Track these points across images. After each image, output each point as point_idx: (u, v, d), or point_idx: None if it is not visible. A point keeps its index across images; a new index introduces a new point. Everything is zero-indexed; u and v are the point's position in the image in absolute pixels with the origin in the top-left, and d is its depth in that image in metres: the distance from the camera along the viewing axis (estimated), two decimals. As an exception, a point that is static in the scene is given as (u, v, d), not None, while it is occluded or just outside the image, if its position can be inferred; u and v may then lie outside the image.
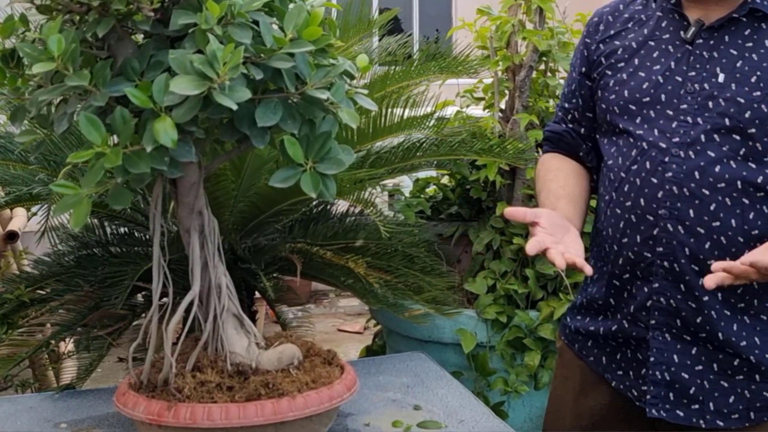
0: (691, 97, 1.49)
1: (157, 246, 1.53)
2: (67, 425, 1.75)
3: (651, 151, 1.50)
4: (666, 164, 1.48)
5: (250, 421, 1.44)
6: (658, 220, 1.48)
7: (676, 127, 1.49)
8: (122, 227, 2.43)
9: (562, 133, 1.74)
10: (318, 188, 1.35)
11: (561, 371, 1.77)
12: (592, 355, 1.66)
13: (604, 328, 1.62)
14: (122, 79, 1.32)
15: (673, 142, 1.48)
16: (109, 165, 1.25)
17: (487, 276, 2.40)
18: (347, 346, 4.88)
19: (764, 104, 1.44)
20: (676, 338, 1.52)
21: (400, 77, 2.34)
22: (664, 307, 1.51)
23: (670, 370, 1.52)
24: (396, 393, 1.88)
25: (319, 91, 1.32)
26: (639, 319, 1.55)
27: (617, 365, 1.61)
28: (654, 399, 1.54)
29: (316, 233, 2.27)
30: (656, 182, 1.49)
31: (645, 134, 1.52)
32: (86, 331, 2.32)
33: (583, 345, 1.68)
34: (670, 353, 1.52)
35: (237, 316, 1.60)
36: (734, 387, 1.51)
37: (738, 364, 1.50)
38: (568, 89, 1.75)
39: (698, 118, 1.47)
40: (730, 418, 1.51)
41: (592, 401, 1.67)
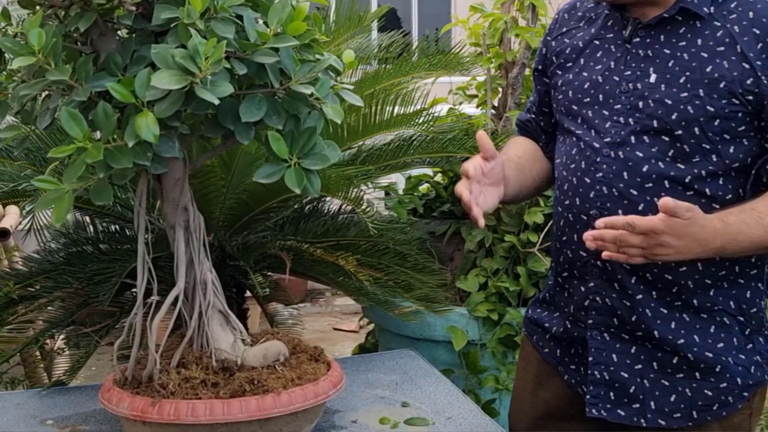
0: (624, 96, 1.48)
1: (141, 242, 1.52)
2: (53, 422, 1.74)
3: (586, 150, 1.51)
4: (598, 164, 1.49)
5: (235, 417, 1.43)
6: (590, 219, 1.48)
7: (609, 127, 1.49)
8: (112, 224, 2.43)
9: (526, 121, 1.79)
10: (302, 184, 1.34)
11: (522, 363, 1.79)
12: (547, 347, 1.68)
13: (556, 326, 1.64)
14: (105, 74, 1.32)
15: (605, 142, 1.49)
16: (91, 160, 1.24)
17: (479, 274, 2.39)
18: (343, 345, 4.87)
19: (690, 106, 1.42)
20: (614, 337, 1.52)
21: (392, 74, 2.33)
22: (600, 306, 1.52)
23: (609, 370, 1.52)
24: (384, 390, 1.87)
25: (303, 86, 1.32)
26: (579, 319, 1.56)
27: (570, 359, 1.63)
28: (594, 399, 1.54)
29: (306, 231, 2.26)
30: (589, 182, 1.50)
31: (583, 134, 1.53)
32: (75, 328, 2.31)
33: (540, 337, 1.70)
34: (609, 353, 1.52)
35: (223, 312, 1.59)
36: (675, 385, 1.50)
37: (677, 362, 1.49)
38: (532, 83, 1.79)
39: (629, 119, 1.47)
40: (672, 417, 1.50)
41: (547, 393, 1.68)
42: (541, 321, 1.69)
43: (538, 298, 1.74)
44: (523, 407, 1.73)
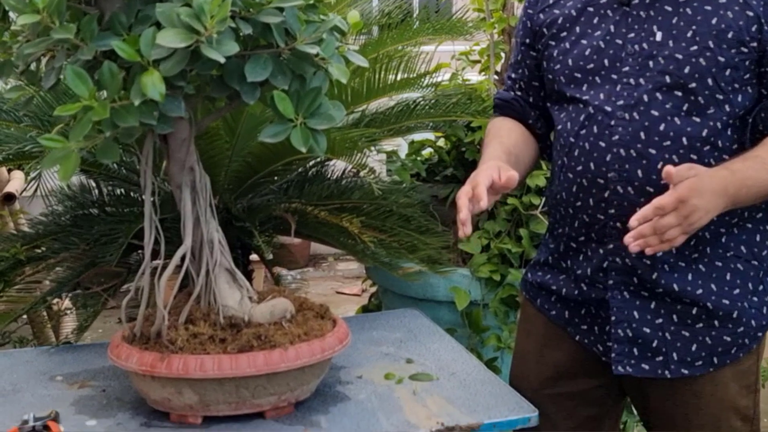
0: (632, 58, 1.50)
1: (148, 201, 1.54)
2: (62, 378, 1.78)
3: (597, 115, 1.52)
4: (612, 127, 1.50)
5: (242, 372, 1.46)
6: (608, 183, 1.50)
7: (620, 90, 1.50)
8: (118, 188, 2.44)
9: (511, 101, 1.75)
10: (308, 143, 1.35)
11: (524, 325, 1.80)
12: (554, 309, 1.70)
13: (566, 290, 1.66)
14: (110, 34, 1.32)
15: (618, 105, 1.50)
16: (97, 118, 1.25)
17: (482, 236, 2.40)
18: (345, 308, 4.90)
19: (702, 58, 1.45)
20: (634, 295, 1.55)
21: (395, 39, 2.33)
22: (620, 266, 1.54)
23: (632, 327, 1.55)
24: (389, 347, 1.90)
25: (309, 46, 1.33)
26: (597, 281, 1.58)
27: (581, 320, 1.65)
28: (619, 356, 1.57)
29: (311, 193, 2.27)
30: (604, 146, 1.51)
31: (591, 99, 1.53)
32: (82, 289, 2.34)
33: (546, 299, 1.71)
34: (630, 310, 1.56)
35: (229, 270, 1.61)
36: (695, 336, 1.54)
37: (696, 312, 1.54)
38: (514, 59, 1.76)
39: (640, 79, 1.48)
40: (694, 366, 1.55)
41: (555, 352, 1.70)
42: (546, 284, 1.70)
43: (537, 261, 1.75)
44: (528, 369, 1.75)
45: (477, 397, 1.61)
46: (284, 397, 1.52)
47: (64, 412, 1.58)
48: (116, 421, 1.54)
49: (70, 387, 1.72)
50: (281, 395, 1.52)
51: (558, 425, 1.70)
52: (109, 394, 1.68)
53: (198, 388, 1.48)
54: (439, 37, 2.39)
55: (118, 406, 1.61)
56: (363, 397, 1.62)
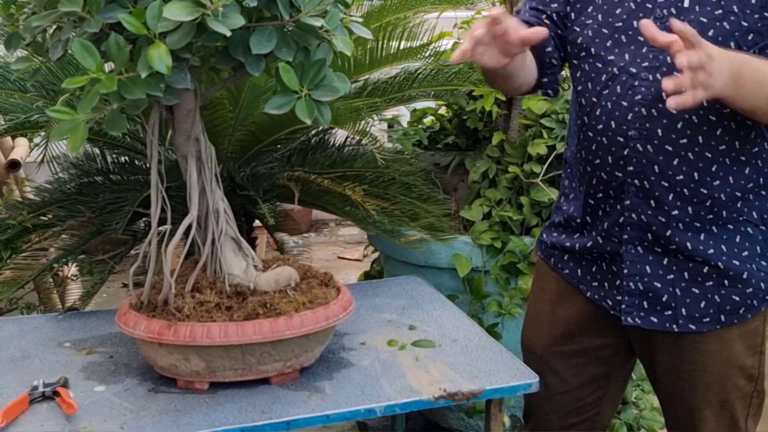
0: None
1: (154, 171, 1.56)
2: (70, 344, 1.81)
3: (621, 76, 1.54)
4: (635, 87, 1.53)
5: (248, 339, 1.49)
6: (628, 141, 1.54)
7: (646, 53, 1.53)
8: (123, 156, 2.46)
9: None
10: (312, 114, 1.37)
11: (537, 284, 1.85)
12: (567, 267, 1.74)
13: (579, 244, 1.70)
14: (116, 6, 1.33)
15: (643, 66, 1.53)
16: (105, 90, 1.27)
17: (483, 204, 2.42)
18: (347, 273, 4.94)
19: (726, 22, 1.47)
20: (647, 250, 1.60)
21: (397, 8, 2.33)
22: (636, 222, 1.58)
23: (644, 281, 1.60)
24: (392, 314, 1.93)
25: (313, 18, 1.34)
26: (612, 235, 1.62)
27: (592, 277, 1.70)
28: (629, 308, 1.62)
29: (314, 162, 2.29)
30: (626, 105, 1.53)
31: (616, 59, 1.55)
32: (88, 256, 2.36)
33: (559, 258, 1.76)
34: (642, 265, 1.60)
35: (235, 239, 1.64)
36: (704, 293, 1.59)
37: (707, 271, 1.58)
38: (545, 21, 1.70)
39: None
40: (701, 322, 1.60)
41: (567, 310, 1.75)
42: (560, 242, 1.74)
43: (552, 222, 1.80)
44: (540, 327, 1.79)
45: (478, 363, 1.64)
46: (289, 364, 1.56)
47: (72, 377, 1.62)
48: (124, 387, 1.58)
49: (78, 353, 1.76)
50: (286, 362, 1.55)
51: (567, 381, 1.75)
52: (117, 360, 1.71)
53: (205, 355, 1.51)
54: (441, 6, 2.39)
55: (126, 372, 1.65)
56: (366, 364, 1.65)
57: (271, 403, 1.49)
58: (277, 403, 1.49)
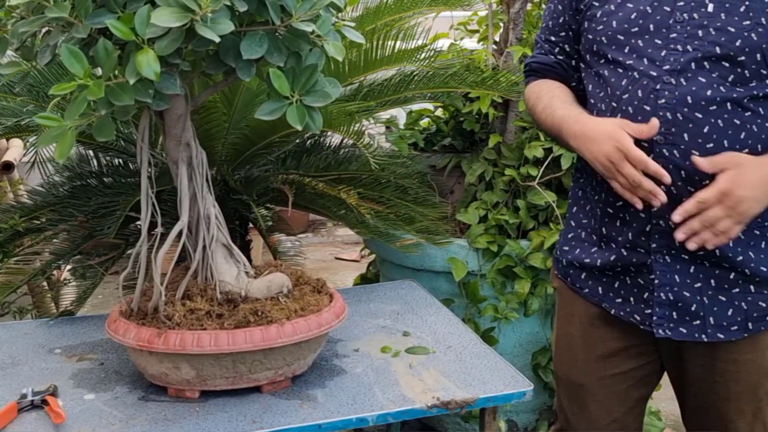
0: (680, 26, 1.51)
1: (144, 177, 1.54)
2: (61, 350, 1.79)
3: (642, 79, 1.52)
4: (658, 91, 1.50)
5: (239, 347, 1.47)
6: (653, 146, 1.50)
7: (666, 55, 1.51)
8: (116, 158, 2.44)
9: (553, 64, 1.73)
10: (304, 121, 1.35)
11: (564, 310, 1.78)
12: (586, 286, 1.69)
13: (601, 260, 1.65)
14: (104, 11, 1.31)
15: (664, 70, 1.50)
16: (92, 97, 1.25)
17: (479, 206, 2.40)
18: (344, 274, 4.92)
19: (754, 33, 1.47)
20: (675, 259, 1.56)
21: (393, 9, 2.31)
22: (664, 229, 1.54)
23: (674, 290, 1.57)
24: (386, 320, 1.92)
25: (304, 23, 1.32)
26: (639, 245, 1.58)
27: (615, 293, 1.65)
28: (660, 320, 1.58)
29: (308, 164, 2.27)
30: (649, 109, 1.51)
31: (635, 63, 1.53)
32: (81, 260, 2.35)
33: (577, 277, 1.71)
34: (672, 274, 1.57)
35: (226, 246, 1.62)
36: (732, 300, 1.57)
37: (734, 277, 1.56)
38: (553, 22, 1.73)
39: (687, 46, 1.50)
40: (729, 330, 1.57)
41: (600, 330, 1.69)
42: (577, 259, 1.69)
43: (566, 236, 1.75)
44: (575, 355, 1.72)
45: (472, 371, 1.62)
46: (281, 372, 1.54)
47: (62, 385, 1.60)
48: (114, 395, 1.56)
49: (69, 360, 1.74)
50: (278, 370, 1.53)
51: (612, 410, 1.70)
52: (108, 367, 1.70)
53: (195, 363, 1.49)
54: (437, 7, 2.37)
55: (116, 380, 1.63)
56: (359, 371, 1.63)
57: (262, 412, 1.47)
58: (268, 413, 1.47)
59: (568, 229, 1.74)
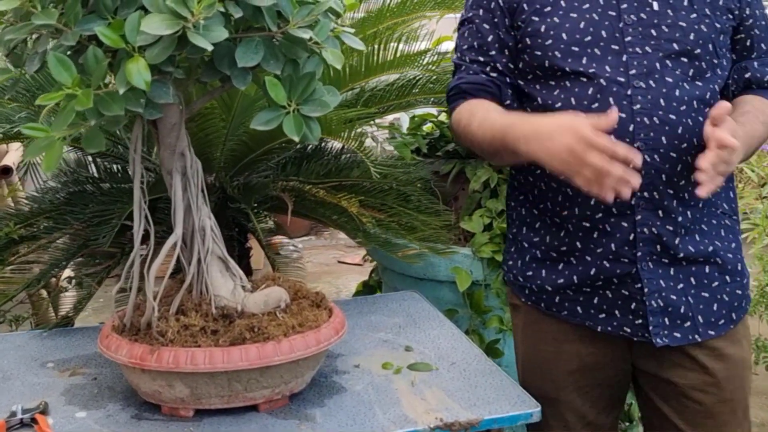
0: (632, 28, 1.51)
1: (137, 188, 1.49)
2: (54, 364, 1.74)
3: (611, 87, 1.50)
4: (630, 97, 1.49)
5: (235, 365, 1.42)
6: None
7: (627, 60, 1.50)
8: (114, 164, 2.40)
9: (485, 83, 1.63)
10: (301, 131, 1.30)
11: (531, 327, 1.71)
12: (563, 308, 1.64)
13: (577, 277, 1.59)
14: (95, 17, 1.27)
15: (631, 75, 1.50)
16: (81, 107, 1.20)
17: (484, 214, 2.35)
18: (347, 278, 4.88)
19: (703, 25, 1.52)
20: (657, 264, 1.55)
21: (395, 12, 2.25)
22: (647, 236, 1.53)
23: (662, 296, 1.55)
24: (387, 333, 1.86)
25: (301, 30, 1.27)
26: (622, 255, 1.55)
27: (598, 309, 1.60)
28: (656, 328, 1.55)
29: (309, 171, 2.22)
30: (625, 116, 1.48)
31: (598, 71, 1.51)
32: (77, 269, 2.30)
33: (551, 301, 1.65)
34: (657, 280, 1.55)
35: (222, 258, 1.57)
36: (714, 295, 1.58)
37: (709, 271, 1.57)
38: (480, 42, 1.64)
39: (646, 48, 1.51)
40: (718, 326, 1.58)
41: (576, 345, 1.64)
42: (548, 282, 1.63)
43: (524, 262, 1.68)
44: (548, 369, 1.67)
45: (477, 390, 1.57)
46: (278, 390, 1.49)
47: (53, 402, 1.55)
48: (106, 413, 1.51)
49: (61, 374, 1.69)
50: (275, 388, 1.48)
51: (586, 415, 1.68)
52: (101, 382, 1.65)
53: (189, 382, 1.44)
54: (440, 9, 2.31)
55: (108, 396, 1.58)
56: (360, 389, 1.58)
57: (259, 433, 1.42)
58: (265, 433, 1.42)
59: (521, 251, 1.69)
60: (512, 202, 1.72)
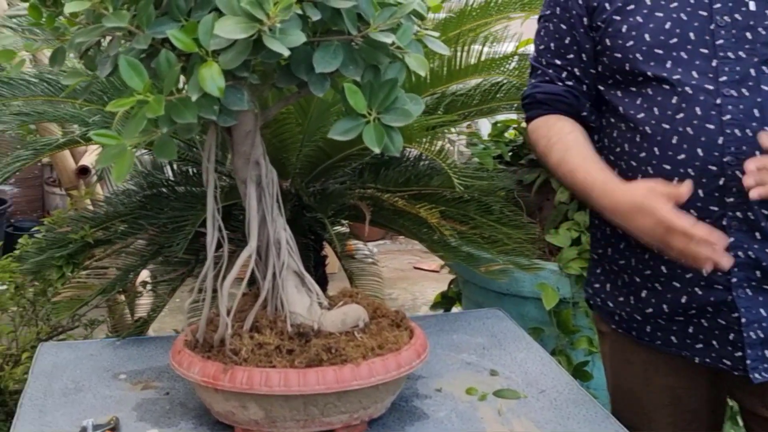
0: (724, 30, 1.38)
1: (211, 198, 1.43)
2: (126, 376, 1.70)
3: (698, 95, 1.38)
4: (720, 107, 1.37)
5: (311, 389, 1.35)
6: (724, 168, 1.37)
7: (718, 66, 1.38)
8: (189, 167, 2.36)
9: (562, 93, 1.55)
10: (382, 142, 1.21)
11: (620, 356, 1.62)
12: (656, 338, 1.53)
13: (668, 305, 1.48)
14: (167, 19, 1.20)
15: (722, 82, 1.37)
16: (152, 114, 1.14)
17: (571, 228, 2.23)
18: (423, 285, 4.79)
19: None
20: (756, 291, 1.41)
21: (479, 14, 2.14)
22: (743, 261, 1.40)
23: (762, 326, 1.41)
24: (471, 355, 1.76)
25: (383, 34, 1.18)
26: (716, 281, 1.42)
27: (693, 339, 1.48)
28: (754, 362, 1.42)
29: (387, 179, 2.14)
30: (713, 128, 1.37)
31: (684, 78, 1.39)
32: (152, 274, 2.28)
33: (641, 330, 1.54)
34: (756, 308, 1.41)
35: (298, 273, 1.50)
36: None
37: None
38: (557, 43, 1.54)
39: (740, 52, 1.38)
40: None
41: (667, 378, 1.54)
42: (638, 311, 1.53)
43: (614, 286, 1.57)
44: (639, 404, 1.58)
45: (569, 422, 1.46)
46: (356, 415, 1.41)
47: (124, 417, 1.51)
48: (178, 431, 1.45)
49: (134, 387, 1.65)
50: (353, 413, 1.40)
51: None
52: (173, 397, 1.59)
53: (263, 404, 1.37)
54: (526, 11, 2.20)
55: (181, 414, 1.53)
56: (442, 416, 1.49)
57: (335, 460, 1.34)
58: (342, 461, 1.34)
59: (608, 274, 1.58)
60: (596, 220, 1.61)
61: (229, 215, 1.95)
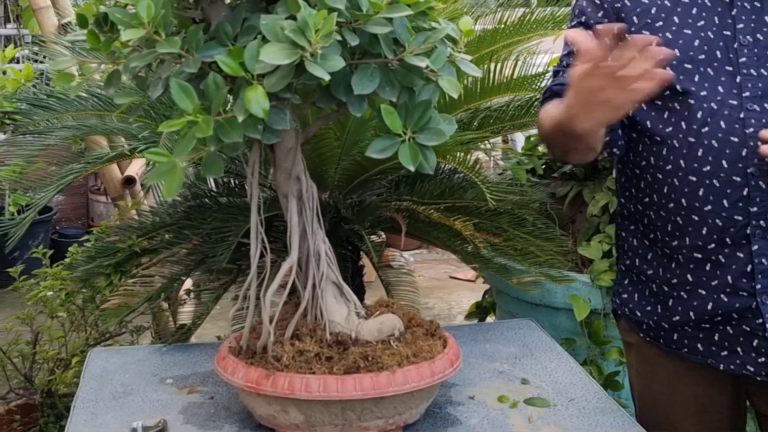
0: (747, 49, 1.44)
1: (254, 212, 1.50)
2: (172, 381, 1.77)
3: (723, 110, 1.44)
4: (743, 120, 1.42)
5: (349, 394, 1.41)
6: (747, 179, 1.42)
7: (742, 81, 1.44)
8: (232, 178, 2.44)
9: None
10: (417, 160, 1.28)
11: (646, 367, 1.66)
12: (683, 345, 1.56)
13: (694, 312, 1.51)
14: (215, 44, 1.28)
15: (745, 97, 1.43)
16: (201, 134, 1.21)
17: (603, 240, 2.26)
18: (458, 294, 4.82)
19: None
20: None
21: (512, 32, 2.20)
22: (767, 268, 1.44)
23: None
24: (503, 364, 1.81)
25: (418, 58, 1.24)
26: (741, 288, 1.46)
27: (719, 346, 1.51)
28: None
29: (422, 191, 2.20)
30: (737, 140, 1.42)
31: (710, 94, 1.45)
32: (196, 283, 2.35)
33: (669, 338, 1.58)
34: None
35: (337, 284, 1.56)
36: None
37: None
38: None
39: (761, 70, 1.44)
40: None
41: (692, 387, 1.58)
42: (664, 319, 1.57)
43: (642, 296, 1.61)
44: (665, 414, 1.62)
45: (596, 430, 1.50)
46: (392, 421, 1.46)
47: (171, 420, 1.57)
48: (222, 435, 1.52)
49: (180, 392, 1.72)
50: (389, 419, 1.46)
51: None
52: (217, 401, 1.66)
53: (304, 408, 1.44)
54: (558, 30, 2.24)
55: (225, 417, 1.59)
56: (475, 422, 1.54)
57: (371, 463, 1.40)
58: (377, 464, 1.40)
59: (636, 284, 1.61)
60: (622, 232, 1.66)
61: (270, 226, 2.02)
